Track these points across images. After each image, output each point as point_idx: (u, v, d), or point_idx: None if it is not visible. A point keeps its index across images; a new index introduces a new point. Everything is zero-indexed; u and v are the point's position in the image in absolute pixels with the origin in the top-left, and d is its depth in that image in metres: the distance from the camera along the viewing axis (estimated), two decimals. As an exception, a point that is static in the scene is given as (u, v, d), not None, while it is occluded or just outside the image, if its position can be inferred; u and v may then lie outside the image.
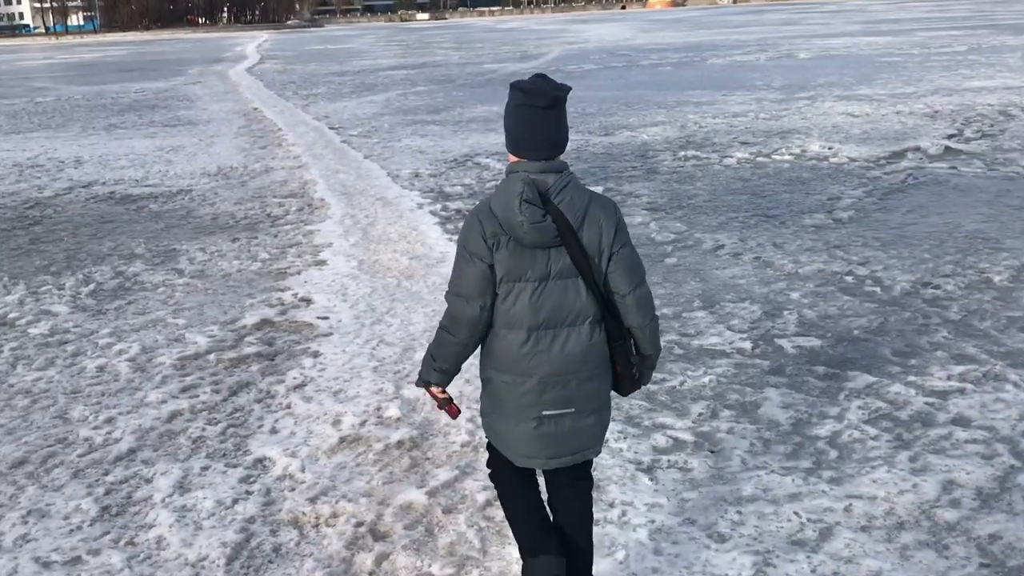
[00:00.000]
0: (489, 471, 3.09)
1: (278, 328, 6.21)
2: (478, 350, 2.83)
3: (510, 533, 3.18)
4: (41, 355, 5.84)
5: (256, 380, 5.30)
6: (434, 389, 2.89)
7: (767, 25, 58.88)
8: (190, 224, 9.52)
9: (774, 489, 3.87)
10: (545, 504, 3.05)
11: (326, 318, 6.32)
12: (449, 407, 2.93)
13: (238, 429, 4.67)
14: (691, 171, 11.15)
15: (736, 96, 19.00)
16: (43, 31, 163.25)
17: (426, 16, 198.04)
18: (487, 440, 3.02)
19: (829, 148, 12.08)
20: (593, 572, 3.04)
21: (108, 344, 5.98)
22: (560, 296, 2.66)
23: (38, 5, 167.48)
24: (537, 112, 2.63)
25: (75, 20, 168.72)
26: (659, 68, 28.13)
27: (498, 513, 3.60)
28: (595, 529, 3.05)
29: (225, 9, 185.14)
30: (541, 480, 3.05)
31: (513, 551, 3.35)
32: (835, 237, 7.89)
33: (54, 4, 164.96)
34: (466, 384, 4.71)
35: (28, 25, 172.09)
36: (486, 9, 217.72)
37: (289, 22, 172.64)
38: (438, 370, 2.82)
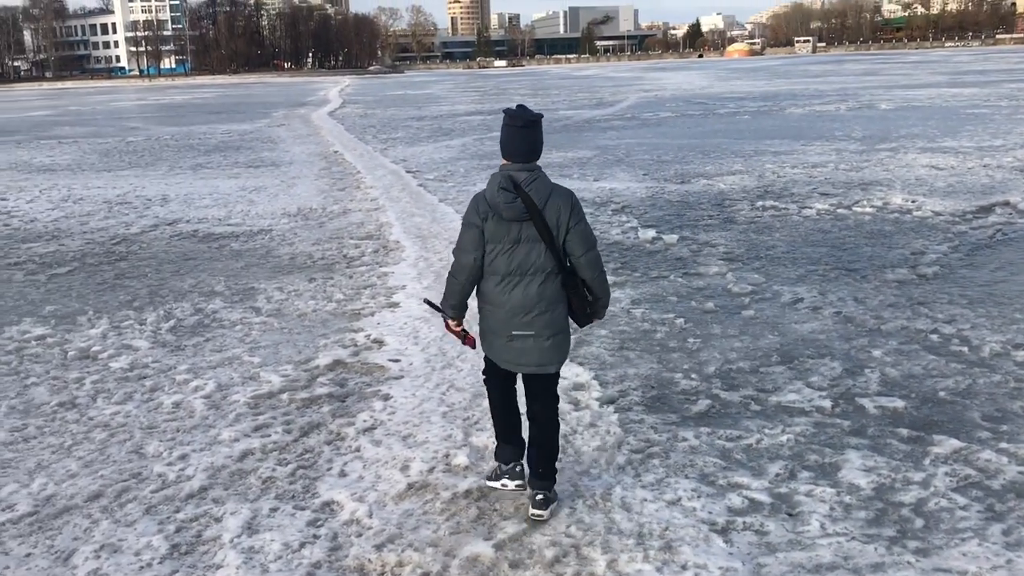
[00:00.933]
0: (483, 377, 4.26)
1: (350, 369, 6.24)
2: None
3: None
4: (120, 389, 5.97)
5: (327, 421, 5.32)
6: (451, 324, 4.06)
7: (847, 75, 58.17)
8: (269, 263, 9.70)
9: (855, 557, 3.70)
10: (517, 407, 4.24)
11: (397, 360, 6.33)
12: (466, 338, 4.06)
13: (307, 471, 4.68)
14: (769, 221, 10.97)
15: (815, 146, 18.73)
16: (137, 73, 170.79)
17: (503, 63, 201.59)
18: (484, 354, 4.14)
19: (912, 201, 11.78)
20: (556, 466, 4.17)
21: (185, 380, 6.08)
22: (526, 255, 3.84)
23: (134, 49, 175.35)
24: (517, 131, 3.84)
25: (167, 63, 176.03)
26: (736, 117, 27.95)
27: (566, 570, 3.51)
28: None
29: (310, 55, 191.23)
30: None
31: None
32: (919, 293, 7.64)
33: (149, 48, 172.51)
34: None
35: (124, 67, 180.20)
36: (562, 57, 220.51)
37: (371, 68, 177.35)
38: (450, 306, 4.01)
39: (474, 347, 4.09)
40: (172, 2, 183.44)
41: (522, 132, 3.83)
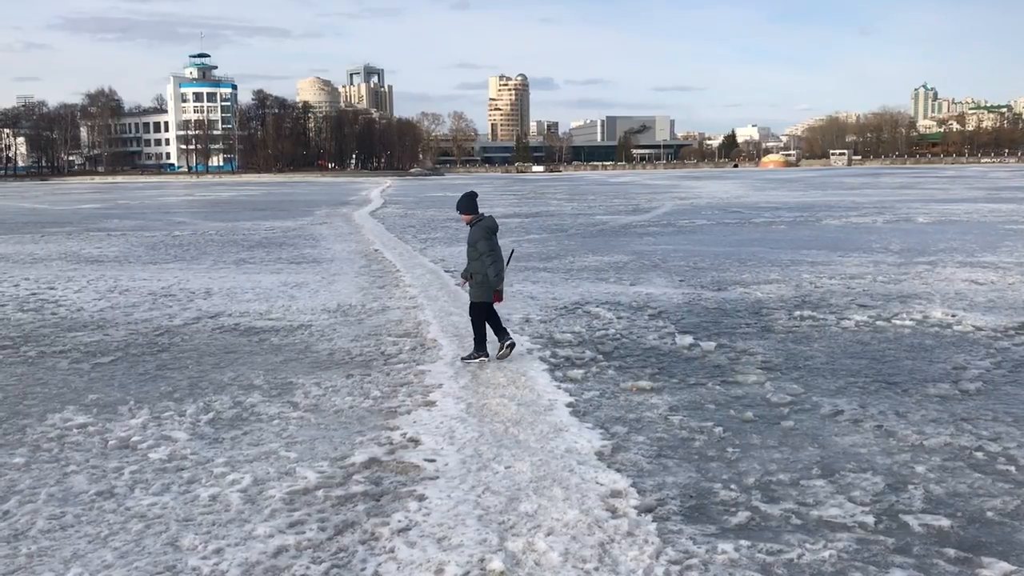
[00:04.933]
0: (473, 311, 9.33)
1: (385, 468, 6.23)
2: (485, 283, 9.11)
3: None
4: (158, 480, 6.00)
5: (361, 520, 5.29)
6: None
7: (883, 188, 58.51)
8: (308, 358, 9.81)
9: None
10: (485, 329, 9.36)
11: (433, 460, 6.31)
12: (500, 296, 9.32)
13: (341, 570, 4.64)
14: (807, 331, 10.92)
15: (853, 257, 18.75)
16: (186, 170, 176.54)
17: (541, 168, 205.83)
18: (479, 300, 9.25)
19: (953, 315, 11.69)
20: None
21: (222, 473, 6.10)
22: (499, 249, 9.22)
23: (184, 147, 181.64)
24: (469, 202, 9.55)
25: (215, 161, 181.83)
26: (772, 226, 28.12)
27: None
28: None
29: (354, 156, 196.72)
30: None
31: None
32: (962, 409, 7.52)
33: (198, 147, 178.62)
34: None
35: (173, 164, 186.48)
36: (599, 163, 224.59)
37: (412, 170, 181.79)
38: (502, 279, 9.20)
39: (500, 301, 9.30)
40: (223, 103, 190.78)
41: (474, 203, 9.44)
